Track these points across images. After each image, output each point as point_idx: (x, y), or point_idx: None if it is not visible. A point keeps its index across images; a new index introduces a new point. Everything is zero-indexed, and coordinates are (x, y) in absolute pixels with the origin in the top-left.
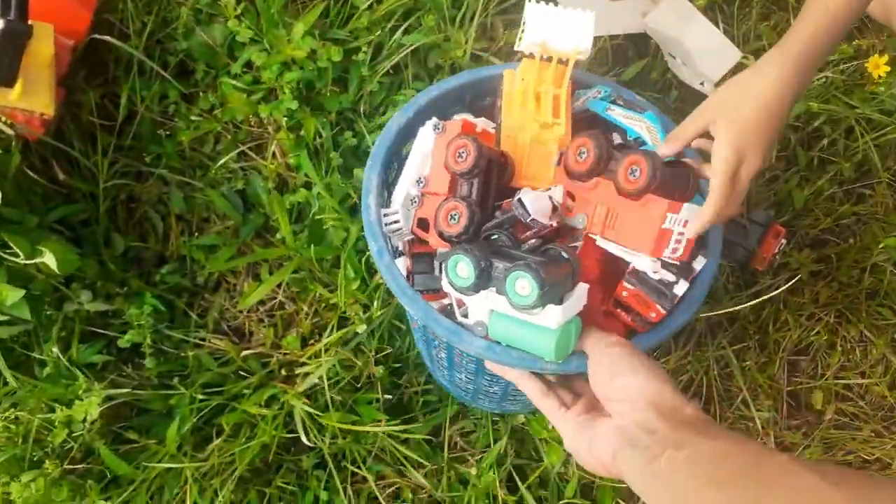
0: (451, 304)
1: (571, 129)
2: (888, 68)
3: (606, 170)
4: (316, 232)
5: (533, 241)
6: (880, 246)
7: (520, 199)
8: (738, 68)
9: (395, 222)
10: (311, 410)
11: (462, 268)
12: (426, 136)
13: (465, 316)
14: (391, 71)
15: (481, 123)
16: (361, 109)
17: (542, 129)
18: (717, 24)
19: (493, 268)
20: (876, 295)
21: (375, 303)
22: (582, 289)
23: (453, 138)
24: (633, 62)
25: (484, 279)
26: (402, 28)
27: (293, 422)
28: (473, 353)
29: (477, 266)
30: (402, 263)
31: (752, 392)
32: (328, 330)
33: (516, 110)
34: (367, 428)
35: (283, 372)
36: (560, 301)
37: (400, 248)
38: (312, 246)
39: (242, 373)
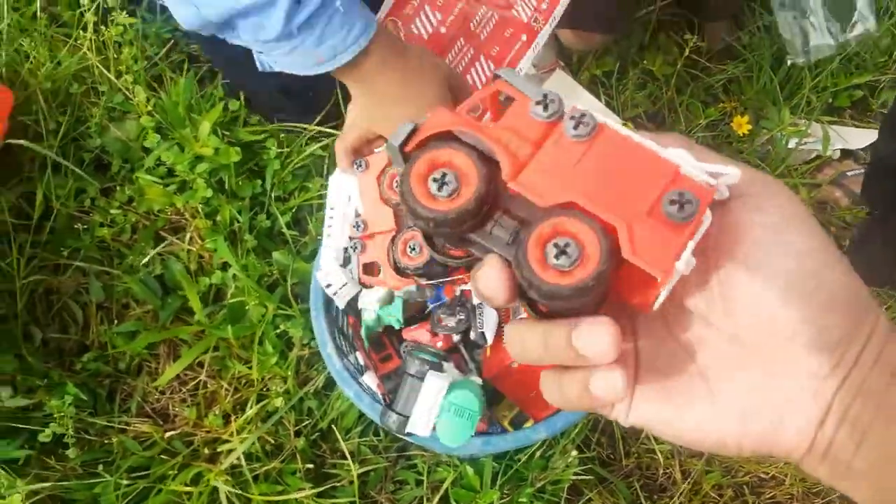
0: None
1: None
2: (749, 126)
3: None
4: (234, 311)
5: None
6: None
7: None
8: None
9: (330, 285)
10: (233, 490)
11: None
12: (342, 183)
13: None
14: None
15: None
16: (273, 195)
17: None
18: (598, 97)
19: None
20: None
21: (290, 379)
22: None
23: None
24: None
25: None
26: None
27: (219, 499)
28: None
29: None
30: (370, 378)
31: None
32: (248, 405)
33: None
34: (291, 496)
35: (207, 450)
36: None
37: (362, 363)
38: (230, 326)
39: (167, 455)
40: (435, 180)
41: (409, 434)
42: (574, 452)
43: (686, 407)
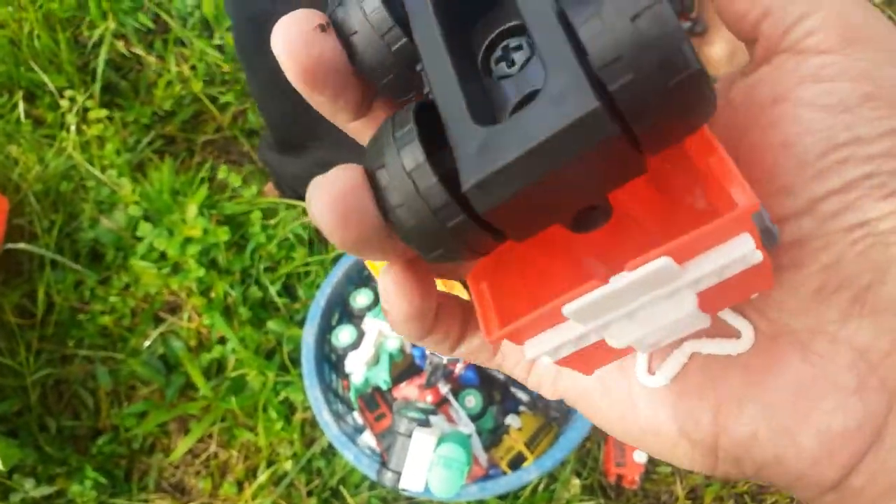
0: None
1: None
2: None
3: None
4: (236, 383)
5: None
6: None
7: (431, 352)
8: None
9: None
10: None
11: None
12: None
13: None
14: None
15: None
16: (262, 267)
17: None
18: None
19: None
20: None
21: (296, 442)
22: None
23: None
24: None
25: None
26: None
27: None
28: None
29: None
30: (368, 437)
31: None
32: (259, 471)
33: None
34: None
35: None
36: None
37: (360, 423)
38: (233, 397)
39: None
40: None
41: (404, 490)
42: (576, 482)
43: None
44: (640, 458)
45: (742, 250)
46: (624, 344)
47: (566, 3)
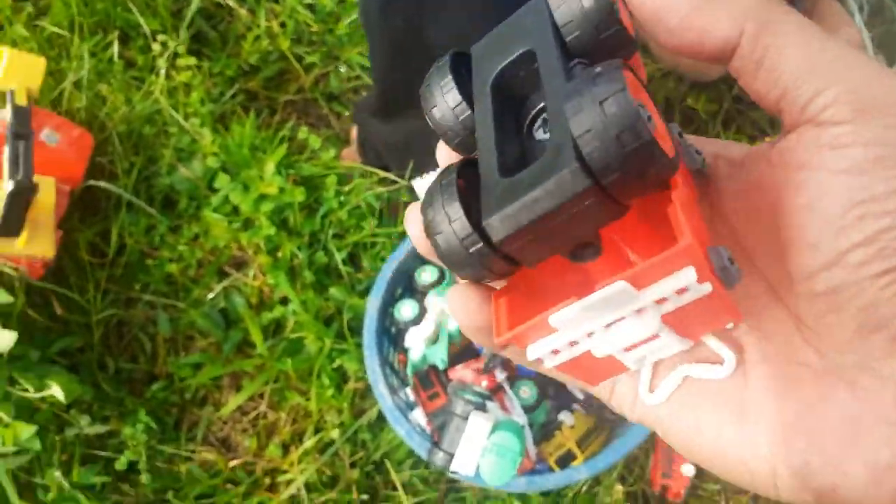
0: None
1: None
2: None
3: None
4: (293, 345)
5: None
6: None
7: None
8: None
9: None
10: None
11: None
12: None
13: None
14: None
15: None
16: (331, 233)
17: None
18: None
19: None
20: None
21: (345, 412)
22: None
23: None
24: None
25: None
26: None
27: None
28: None
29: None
30: (419, 415)
31: None
32: (306, 436)
33: None
34: None
35: (268, 480)
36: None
37: (412, 400)
38: (289, 359)
39: (230, 483)
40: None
41: (454, 472)
42: (620, 487)
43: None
44: (687, 471)
45: (686, 280)
46: (604, 354)
47: (569, 89)
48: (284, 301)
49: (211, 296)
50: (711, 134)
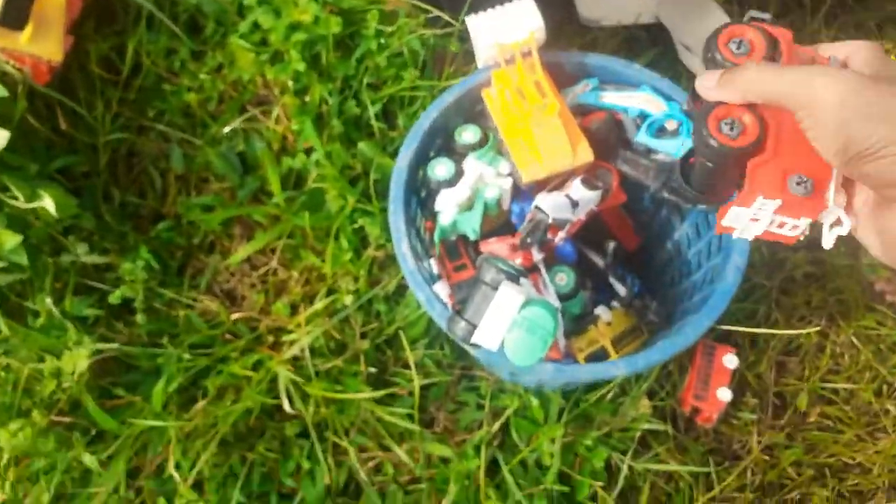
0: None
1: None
2: None
3: None
4: (313, 199)
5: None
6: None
7: (537, 206)
8: None
9: None
10: (296, 378)
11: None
12: None
13: None
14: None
15: None
16: (365, 81)
17: (538, 114)
18: (731, 15)
19: None
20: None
21: (361, 279)
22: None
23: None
24: (644, 52)
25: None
26: None
27: (277, 388)
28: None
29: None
30: (442, 288)
31: (739, 389)
32: (317, 298)
33: (508, 117)
34: (351, 395)
35: (271, 338)
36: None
37: (436, 272)
38: (307, 213)
39: (231, 336)
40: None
41: (474, 345)
42: (646, 401)
43: None
44: (723, 395)
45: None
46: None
47: None
48: (308, 152)
49: (227, 130)
50: (811, 27)
